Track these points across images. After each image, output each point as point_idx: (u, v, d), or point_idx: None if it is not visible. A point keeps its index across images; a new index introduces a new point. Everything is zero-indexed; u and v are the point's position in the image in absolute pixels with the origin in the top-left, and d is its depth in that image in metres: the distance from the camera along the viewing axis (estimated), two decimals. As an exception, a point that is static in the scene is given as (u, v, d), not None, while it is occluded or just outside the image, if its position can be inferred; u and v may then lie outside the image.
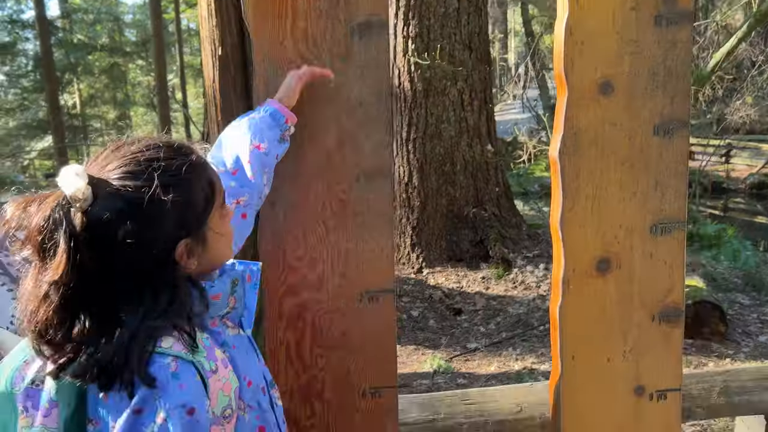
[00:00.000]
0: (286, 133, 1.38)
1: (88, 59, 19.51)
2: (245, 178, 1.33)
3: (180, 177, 0.96)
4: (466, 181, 6.88)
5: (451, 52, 6.47)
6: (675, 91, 1.46)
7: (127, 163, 0.95)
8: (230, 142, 1.36)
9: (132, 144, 0.99)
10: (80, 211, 0.89)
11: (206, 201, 1.00)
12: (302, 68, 1.39)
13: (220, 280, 1.05)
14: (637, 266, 1.51)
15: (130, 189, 0.91)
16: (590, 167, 1.47)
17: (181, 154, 0.99)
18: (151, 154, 0.96)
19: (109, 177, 0.93)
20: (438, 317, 5.91)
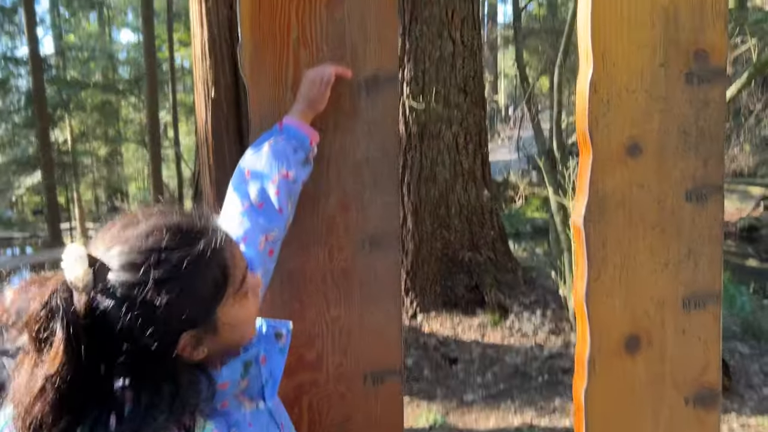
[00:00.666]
0: (311, 155, 1.26)
1: (80, 96, 19.49)
2: (273, 211, 1.21)
3: (180, 271, 0.85)
4: (461, 225, 6.76)
5: (447, 96, 6.43)
6: (708, 153, 1.34)
7: (128, 250, 0.86)
8: (254, 172, 1.24)
9: (139, 224, 0.89)
10: (82, 297, 0.82)
11: (216, 290, 0.89)
12: (324, 68, 1.26)
13: (229, 367, 0.96)
14: (669, 344, 1.37)
15: (127, 282, 0.84)
16: (617, 234, 1.34)
17: (186, 244, 0.88)
18: (153, 243, 0.86)
19: (111, 264, 0.85)
20: (433, 366, 5.72)
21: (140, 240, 0.86)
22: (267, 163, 1.22)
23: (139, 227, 0.88)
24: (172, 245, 0.86)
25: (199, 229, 0.91)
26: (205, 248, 0.88)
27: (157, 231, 0.87)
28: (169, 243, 0.86)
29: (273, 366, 1.05)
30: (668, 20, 1.30)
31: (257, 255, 1.16)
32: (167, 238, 0.86)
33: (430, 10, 6.36)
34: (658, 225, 1.35)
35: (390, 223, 1.32)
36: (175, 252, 0.86)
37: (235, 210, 1.20)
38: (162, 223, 0.88)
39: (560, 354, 5.71)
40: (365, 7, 1.26)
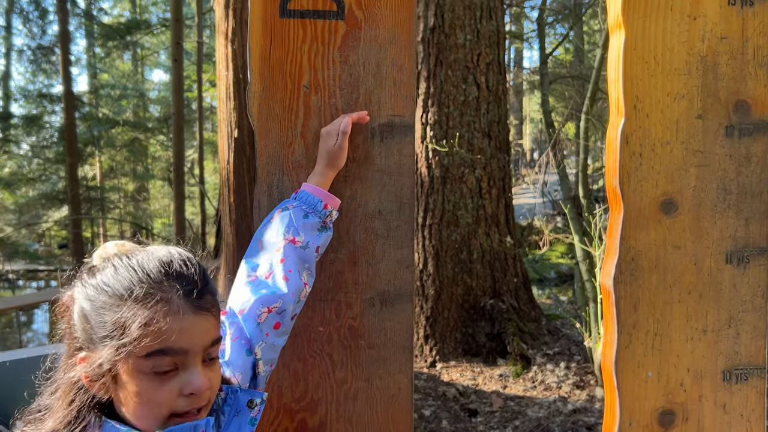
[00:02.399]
0: (328, 220, 1.18)
1: (111, 133, 19.88)
2: (278, 281, 1.13)
3: (105, 294, 0.91)
4: (483, 271, 6.63)
5: (470, 140, 6.38)
6: (750, 212, 1.24)
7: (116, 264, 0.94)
8: (263, 242, 1.18)
9: (145, 251, 0.97)
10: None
11: (115, 332, 0.88)
12: (340, 119, 1.20)
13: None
14: (708, 420, 1.24)
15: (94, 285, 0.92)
16: (650, 297, 1.23)
17: (129, 278, 0.92)
18: (128, 282, 0.91)
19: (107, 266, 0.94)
20: (452, 418, 5.52)
21: (135, 258, 0.94)
22: (275, 231, 1.16)
23: (141, 253, 0.96)
24: (134, 270, 0.91)
25: (156, 279, 0.91)
26: (136, 293, 0.89)
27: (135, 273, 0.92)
28: (134, 267, 0.92)
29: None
30: (706, 69, 1.21)
31: (256, 328, 1.09)
32: (138, 262, 0.92)
33: (456, 54, 6.37)
34: (695, 289, 1.24)
35: (403, 280, 1.23)
36: (128, 276, 0.91)
37: (241, 281, 1.15)
38: (140, 263, 0.93)
39: (585, 408, 5.48)
40: (381, 51, 1.19)
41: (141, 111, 23.51)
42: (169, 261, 0.92)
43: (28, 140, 20.05)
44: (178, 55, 11.46)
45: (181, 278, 0.92)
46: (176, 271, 0.92)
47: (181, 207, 13.21)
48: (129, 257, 0.93)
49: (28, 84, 20.16)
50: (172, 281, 0.91)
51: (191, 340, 0.90)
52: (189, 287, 0.92)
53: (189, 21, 18.43)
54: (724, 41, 1.21)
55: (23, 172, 19.71)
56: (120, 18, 20.43)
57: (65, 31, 14.55)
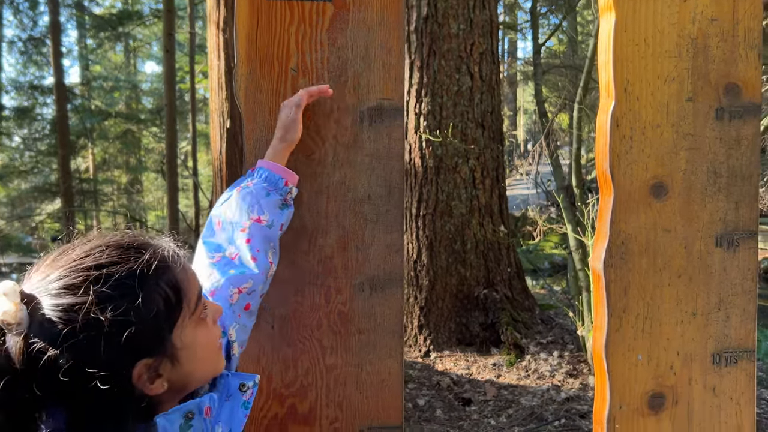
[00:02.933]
0: (288, 197, 1.17)
1: (103, 125, 19.76)
2: (245, 261, 1.11)
3: (124, 286, 0.76)
4: (477, 261, 6.64)
5: (464, 130, 6.36)
6: (740, 195, 1.23)
7: (65, 274, 0.76)
8: (223, 221, 1.15)
9: (75, 248, 0.80)
10: (16, 338, 0.71)
11: (168, 310, 0.81)
12: (296, 95, 1.17)
13: (165, 418, 0.83)
14: (697, 403, 1.24)
15: (66, 305, 0.73)
16: (640, 281, 1.23)
17: (129, 257, 0.80)
18: (93, 260, 0.77)
19: (48, 292, 0.74)
20: (446, 407, 5.53)
21: (77, 261, 0.78)
22: (237, 210, 1.13)
23: (74, 251, 0.80)
24: (113, 260, 0.78)
25: (142, 243, 0.83)
26: (150, 261, 0.80)
27: (96, 249, 0.79)
28: (109, 259, 0.78)
29: (232, 423, 0.94)
30: (697, 51, 1.21)
31: (228, 309, 1.07)
32: (107, 253, 0.79)
33: (449, 44, 6.34)
34: (685, 272, 1.23)
35: (392, 265, 1.22)
36: (116, 266, 0.77)
37: (204, 263, 1.11)
38: (100, 243, 0.81)
39: (578, 397, 5.51)
40: (369, 33, 1.18)
41: (134, 103, 23.38)
42: (133, 241, 0.87)
43: (20, 132, 19.91)
44: (170, 46, 11.39)
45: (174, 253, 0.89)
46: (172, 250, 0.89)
47: (174, 199, 13.17)
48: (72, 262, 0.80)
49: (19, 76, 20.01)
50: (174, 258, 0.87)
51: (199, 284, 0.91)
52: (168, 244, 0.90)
53: (181, 12, 18.29)
54: (715, 23, 1.21)
55: (15, 164, 19.58)
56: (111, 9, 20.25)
57: (56, 22, 14.42)
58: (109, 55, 24.86)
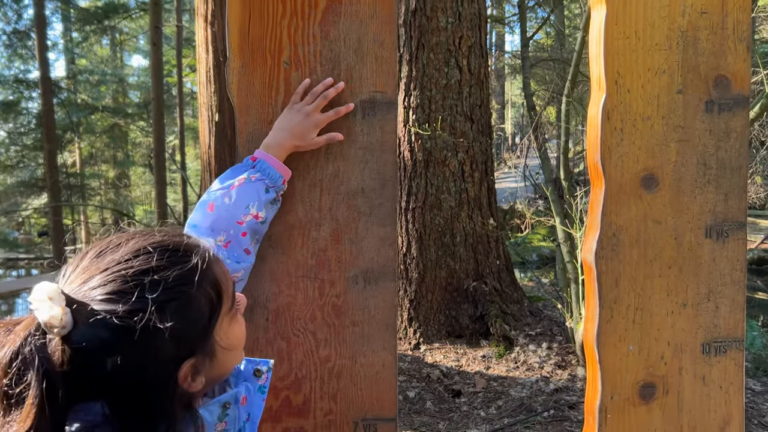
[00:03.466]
0: (280, 194, 1.18)
1: (90, 119, 19.60)
2: (240, 252, 1.13)
3: (178, 291, 0.76)
4: (466, 254, 6.66)
5: (453, 124, 6.37)
6: (729, 186, 1.25)
7: (112, 279, 0.75)
8: (220, 209, 1.14)
9: (117, 249, 0.78)
10: (59, 341, 0.72)
11: (211, 310, 0.81)
12: (319, 113, 1.17)
13: (206, 409, 0.86)
14: (687, 392, 1.26)
15: (119, 315, 0.72)
16: (631, 272, 1.24)
17: (179, 260, 0.79)
18: (141, 265, 0.76)
19: (92, 298, 0.74)
20: (436, 399, 5.56)
21: (123, 266, 0.76)
22: (237, 200, 1.13)
23: (117, 254, 0.78)
24: (163, 264, 0.77)
25: (187, 245, 0.82)
26: (197, 264, 0.80)
27: (143, 251, 0.78)
28: (159, 263, 0.77)
29: (252, 407, 0.95)
30: (687, 44, 1.21)
31: None
32: (156, 257, 0.77)
33: (437, 37, 6.34)
34: (675, 263, 1.25)
35: (386, 258, 1.23)
36: (169, 271, 0.77)
37: None
38: (146, 244, 0.79)
39: (567, 388, 5.55)
40: (362, 26, 1.18)
41: (120, 97, 23.19)
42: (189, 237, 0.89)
43: (5, 127, 19.70)
44: (157, 40, 11.31)
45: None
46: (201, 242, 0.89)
47: (162, 193, 13.10)
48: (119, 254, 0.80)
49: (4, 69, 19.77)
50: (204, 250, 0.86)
51: None
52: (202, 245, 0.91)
53: (168, 5, 18.15)
54: (705, 16, 1.22)
55: (0, 159, 19.38)
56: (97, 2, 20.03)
57: (41, 15, 14.25)
58: (95, 48, 24.64)
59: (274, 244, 1.19)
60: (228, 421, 0.90)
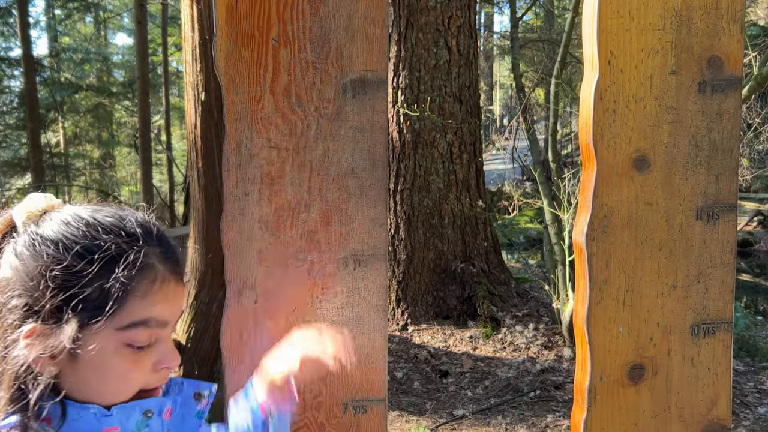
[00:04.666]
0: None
1: (74, 98, 19.32)
2: None
3: (84, 258, 0.78)
4: (454, 235, 6.67)
5: (441, 105, 6.34)
6: (721, 168, 1.24)
7: (74, 213, 0.82)
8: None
9: (105, 205, 0.86)
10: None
11: (97, 305, 0.77)
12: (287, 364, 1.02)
13: (123, 410, 0.81)
14: (676, 373, 1.27)
15: (41, 239, 0.79)
16: (622, 254, 1.24)
17: (116, 237, 0.81)
18: (95, 219, 0.81)
19: (54, 216, 0.82)
20: (423, 379, 5.60)
21: (93, 212, 0.83)
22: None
23: (102, 207, 0.85)
24: (106, 229, 0.81)
25: (137, 240, 0.82)
26: (121, 252, 0.79)
27: (109, 215, 0.83)
28: (106, 226, 0.81)
29: (185, 431, 0.91)
30: (680, 24, 1.20)
31: None
32: (111, 221, 0.82)
33: (426, 17, 6.28)
34: (666, 245, 1.25)
35: (376, 239, 1.21)
36: (101, 236, 0.80)
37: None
38: (121, 213, 0.85)
39: (553, 368, 5.61)
40: (352, 3, 1.16)
41: (105, 75, 22.85)
42: (140, 219, 0.85)
43: (-13, 106, 19.40)
44: (142, 17, 11.13)
45: (159, 240, 0.84)
46: (151, 232, 0.84)
47: (148, 174, 12.98)
48: (77, 213, 0.82)
49: (-15, 47, 19.41)
50: (151, 243, 0.82)
51: (172, 312, 0.84)
52: (169, 250, 0.85)
53: (152, -19, 17.84)
54: (699, -4, 1.21)
55: (-18, 139, 19.08)
56: (80, -22, 19.66)
57: (22, -9, 13.98)
58: (79, 26, 24.22)
59: (263, 225, 1.18)
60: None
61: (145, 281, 0.80)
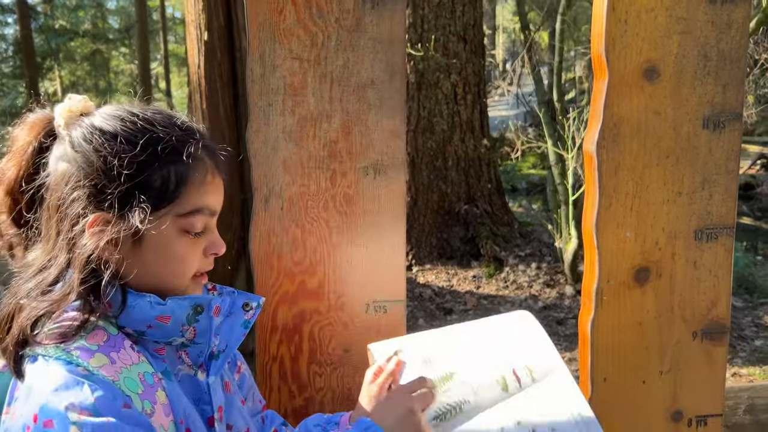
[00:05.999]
0: None
1: (70, 45, 19.05)
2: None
3: (147, 149, 0.83)
4: (458, 177, 6.72)
5: (445, 44, 6.29)
6: (728, 78, 1.28)
7: (123, 112, 0.86)
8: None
9: (147, 107, 0.90)
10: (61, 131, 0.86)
11: (156, 191, 0.83)
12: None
13: (177, 301, 0.86)
14: (679, 276, 1.34)
15: (99, 132, 0.83)
16: (631, 162, 1.29)
17: (173, 129, 0.86)
18: (151, 115, 0.86)
19: (102, 113, 0.87)
20: (428, 317, 5.74)
21: (142, 110, 0.87)
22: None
23: (144, 107, 0.89)
24: (160, 122, 0.85)
25: (191, 133, 0.88)
26: (181, 144, 0.85)
27: (160, 111, 0.88)
28: (159, 121, 0.86)
29: (231, 338, 0.96)
30: (693, -68, 1.22)
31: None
32: (162, 117, 0.86)
33: (430, -47, 6.17)
34: (673, 153, 1.30)
35: (395, 149, 1.26)
36: (163, 128, 0.84)
37: None
38: (168, 111, 0.89)
39: (555, 305, 5.74)
40: None
41: (100, 22, 22.44)
42: (185, 117, 0.90)
43: (-18, 54, 19.15)
44: (138, -41, 10.88)
45: (203, 136, 0.89)
46: (198, 129, 0.89)
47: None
48: (128, 110, 0.87)
49: (-23, -7, 19.03)
50: (197, 138, 0.87)
51: (219, 202, 0.90)
52: (214, 147, 0.90)
53: None
54: None
55: (-21, 87, 18.90)
56: None
57: (13, -67, 13.64)
58: (72, -30, 23.60)
59: (287, 135, 1.23)
60: (198, 329, 0.89)
61: (201, 172, 0.86)
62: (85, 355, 0.78)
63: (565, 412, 1.04)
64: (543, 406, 1.05)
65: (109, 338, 0.82)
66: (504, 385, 1.06)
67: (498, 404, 1.03)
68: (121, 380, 0.78)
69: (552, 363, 1.11)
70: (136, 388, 0.79)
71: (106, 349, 0.80)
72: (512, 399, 1.05)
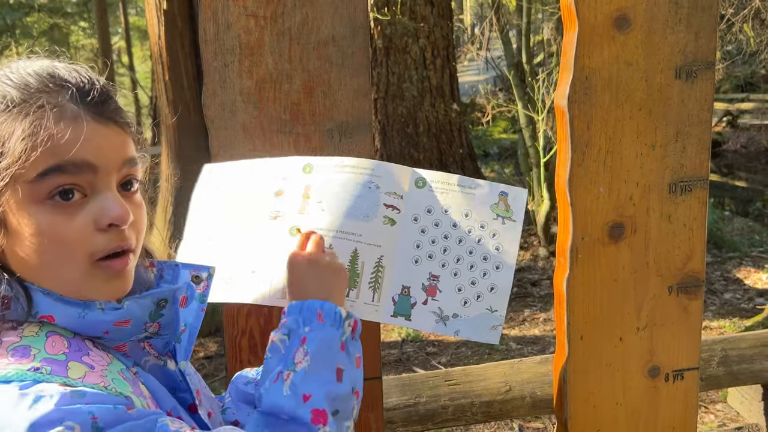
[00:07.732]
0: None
1: (26, 21, 18.40)
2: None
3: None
4: (430, 143, 6.67)
5: (412, 8, 6.19)
6: (700, 25, 1.25)
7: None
8: None
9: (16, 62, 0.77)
10: None
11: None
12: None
13: (136, 301, 0.75)
14: (654, 230, 1.32)
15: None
16: (603, 115, 1.25)
17: (42, 84, 0.73)
18: (11, 71, 0.74)
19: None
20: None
21: (20, 63, 0.76)
22: None
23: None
24: (15, 80, 0.73)
25: (39, 86, 0.72)
26: (31, 96, 0.71)
27: (25, 67, 0.75)
28: (15, 77, 0.73)
29: (189, 318, 0.87)
30: None
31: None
32: (9, 73, 0.74)
33: None
34: (645, 105, 1.26)
35: (360, 110, 1.21)
36: (9, 84, 0.72)
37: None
38: (48, 63, 0.77)
39: (529, 267, 5.78)
40: None
41: (56, -5, 21.68)
42: (53, 67, 0.75)
43: (-67, 32, 18.43)
44: (91, -73, 10.47)
45: (71, 83, 0.73)
46: (63, 78, 0.74)
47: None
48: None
49: (-77, -33, 18.23)
50: (61, 86, 0.72)
51: (97, 153, 0.71)
52: (84, 90, 0.73)
53: None
54: None
55: (-69, 67, 18.23)
56: None
57: None
58: (23, -59, 22.71)
59: (245, 98, 1.16)
60: (162, 323, 0.79)
61: (47, 120, 0.69)
62: (57, 368, 0.66)
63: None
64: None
65: (71, 343, 0.70)
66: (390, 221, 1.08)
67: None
68: (111, 383, 0.68)
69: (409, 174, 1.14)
70: (126, 387, 0.70)
71: (76, 355, 0.69)
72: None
